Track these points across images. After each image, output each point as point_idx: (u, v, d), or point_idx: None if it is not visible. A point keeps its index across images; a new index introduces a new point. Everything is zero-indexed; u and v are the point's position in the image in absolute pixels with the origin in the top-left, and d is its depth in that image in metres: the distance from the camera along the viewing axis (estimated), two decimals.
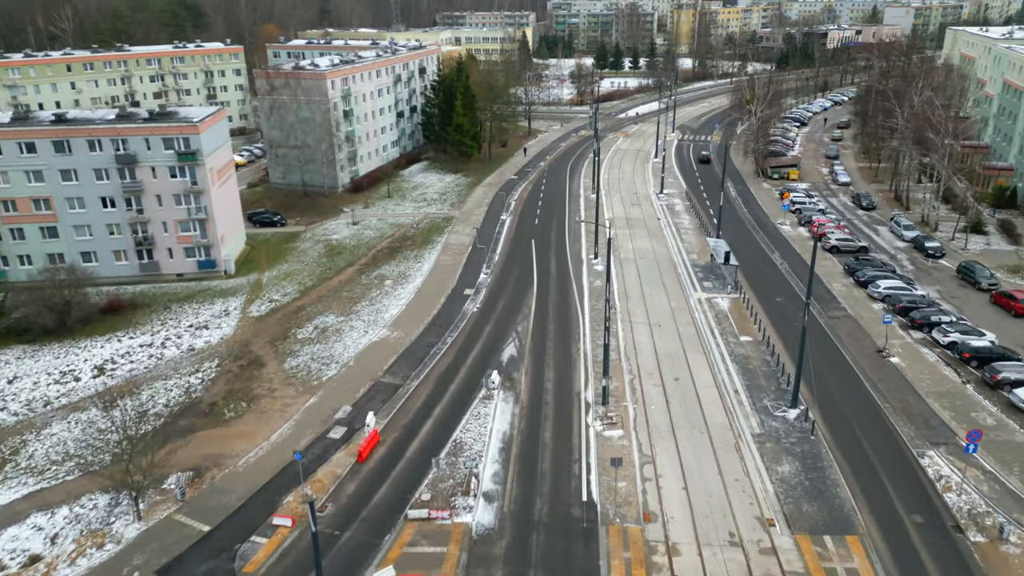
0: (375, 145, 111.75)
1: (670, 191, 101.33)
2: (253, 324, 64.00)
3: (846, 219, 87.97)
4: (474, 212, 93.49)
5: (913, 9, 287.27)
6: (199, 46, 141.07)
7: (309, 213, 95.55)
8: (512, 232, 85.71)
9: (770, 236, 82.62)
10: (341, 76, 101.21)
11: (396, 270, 74.76)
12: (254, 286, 73.46)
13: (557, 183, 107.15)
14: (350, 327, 62.03)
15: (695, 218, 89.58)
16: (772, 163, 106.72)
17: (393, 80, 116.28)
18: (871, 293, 65.12)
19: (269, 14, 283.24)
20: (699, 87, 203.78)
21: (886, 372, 53.02)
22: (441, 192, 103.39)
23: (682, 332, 59.51)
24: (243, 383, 53.77)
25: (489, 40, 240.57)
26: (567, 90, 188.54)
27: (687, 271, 72.37)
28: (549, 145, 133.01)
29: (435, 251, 79.73)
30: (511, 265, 75.32)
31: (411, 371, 54.22)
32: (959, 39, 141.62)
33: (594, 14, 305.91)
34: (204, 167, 73.15)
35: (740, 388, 50.93)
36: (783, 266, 73.61)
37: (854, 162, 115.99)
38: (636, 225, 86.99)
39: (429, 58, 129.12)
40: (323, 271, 75.75)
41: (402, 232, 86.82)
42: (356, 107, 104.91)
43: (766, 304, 64.55)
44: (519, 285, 70.00)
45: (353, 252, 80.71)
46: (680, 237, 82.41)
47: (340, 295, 69.18)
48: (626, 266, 74.02)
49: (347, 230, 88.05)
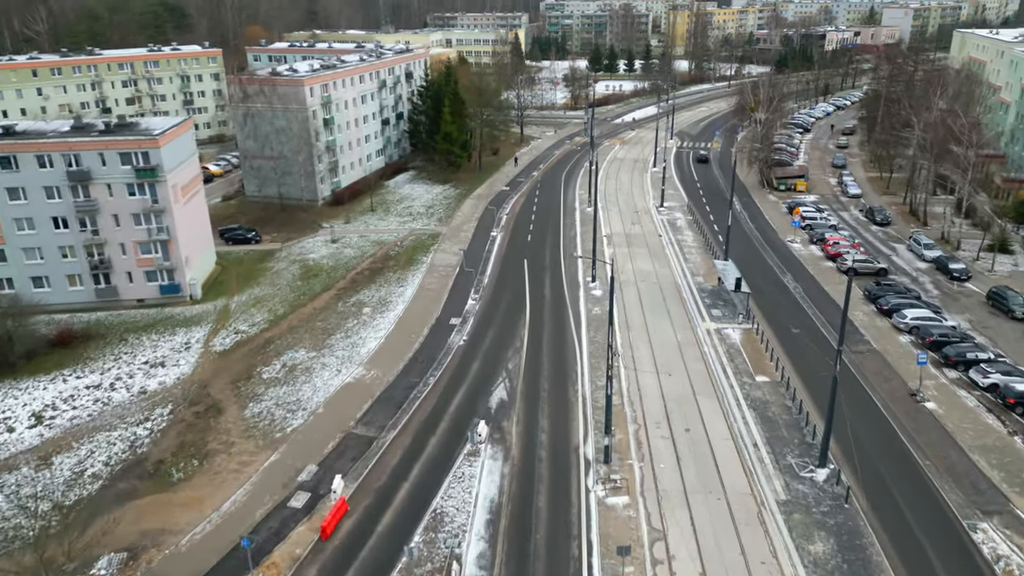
0: (358, 155, 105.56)
1: (671, 204, 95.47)
2: (215, 361, 57.73)
3: (860, 236, 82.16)
4: (463, 228, 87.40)
5: (912, 10, 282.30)
6: (175, 49, 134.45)
7: (286, 229, 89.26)
8: (503, 251, 79.68)
9: (780, 256, 76.77)
10: (321, 82, 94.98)
11: (376, 295, 68.63)
12: (221, 313, 67.22)
13: (551, 195, 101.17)
14: (322, 365, 55.83)
15: (699, 235, 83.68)
16: (778, 174, 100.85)
17: (378, 86, 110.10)
18: (896, 324, 59.31)
19: (255, 15, 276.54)
20: (696, 90, 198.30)
21: (922, 420, 47.20)
22: (428, 205, 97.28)
23: (691, 370, 53.56)
24: (197, 435, 47.54)
25: (481, 42, 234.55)
26: (561, 94, 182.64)
27: (693, 297, 66.46)
28: (542, 153, 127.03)
29: (419, 273, 73.64)
30: (502, 289, 69.30)
31: (387, 420, 48.09)
32: (967, 42, 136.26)
33: (587, 15, 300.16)
34: (166, 184, 66.88)
35: (760, 441, 45.00)
36: (797, 291, 67.77)
37: (863, 171, 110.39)
38: (636, 243, 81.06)
39: (416, 62, 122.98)
40: (297, 296, 69.54)
41: (384, 251, 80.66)
42: (337, 115, 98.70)
43: (782, 336, 58.66)
44: (510, 313, 63.99)
45: (330, 274, 74.52)
46: (684, 257, 76.51)
47: (313, 325, 62.99)
48: (626, 290, 68.08)
49: (326, 248, 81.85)
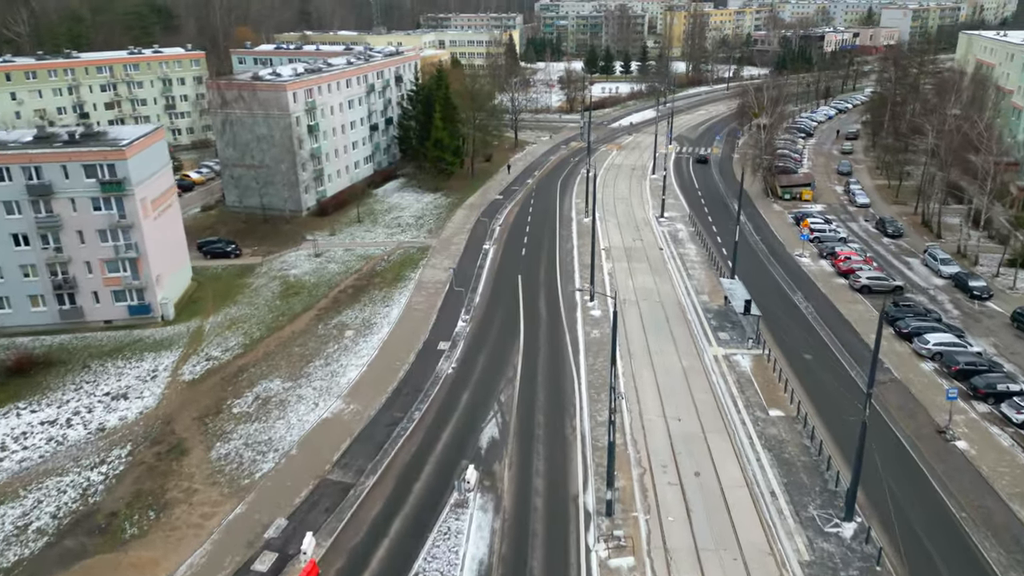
0: (345, 162, 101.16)
1: (672, 214, 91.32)
2: (183, 392, 53.31)
3: (872, 250, 78.07)
4: (453, 240, 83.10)
5: (911, 11, 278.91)
6: (156, 52, 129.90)
7: (268, 241, 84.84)
8: (496, 265, 75.40)
9: (788, 271, 72.65)
10: (305, 87, 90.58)
11: (360, 316, 64.25)
12: (193, 336, 62.79)
13: (546, 204, 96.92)
14: (298, 397, 51.44)
15: (702, 248, 79.51)
16: (783, 182, 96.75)
17: (366, 90, 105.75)
18: (918, 349, 55.15)
19: (245, 16, 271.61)
20: (694, 93, 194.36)
21: (953, 463, 43.08)
22: (418, 215, 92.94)
23: (699, 403, 49.35)
24: (156, 480, 43.13)
25: (474, 43, 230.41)
26: (556, 96, 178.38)
27: (698, 318, 62.25)
28: (537, 159, 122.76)
29: (407, 291, 69.31)
30: (494, 309, 65.01)
31: (367, 463, 43.75)
32: (974, 44, 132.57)
33: (583, 16, 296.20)
34: (133, 198, 62.47)
35: (777, 488, 40.80)
36: (808, 311, 63.65)
37: (869, 179, 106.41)
38: (636, 257, 76.86)
39: (406, 65, 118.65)
40: (275, 317, 65.13)
41: (371, 266, 76.30)
42: (322, 121, 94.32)
43: (794, 363, 54.48)
44: (503, 336, 59.69)
45: (312, 292, 70.14)
46: (687, 273, 72.32)
47: (291, 351, 58.58)
48: (627, 310, 63.84)
49: (308, 263, 77.45)
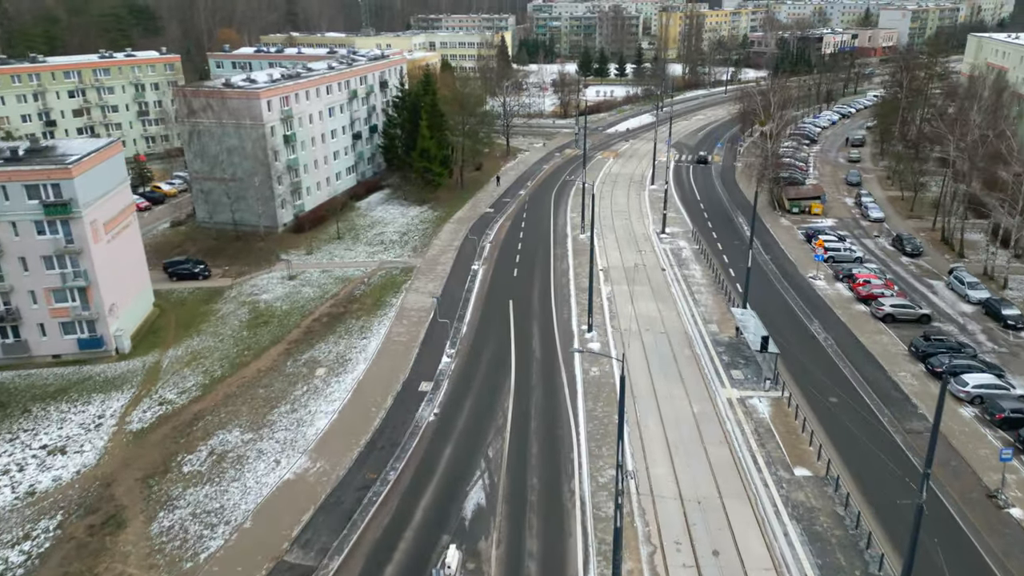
0: (325, 174, 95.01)
1: (673, 229, 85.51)
2: (128, 445, 47.16)
3: (891, 271, 72.47)
4: (440, 260, 77.13)
5: (910, 12, 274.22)
6: (129, 55, 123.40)
7: (240, 261, 78.67)
8: (485, 289, 69.46)
9: (803, 296, 66.90)
10: (280, 94, 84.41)
11: (333, 351, 58.18)
12: (149, 373, 56.63)
13: (540, 218, 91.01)
14: (258, 452, 45.36)
15: (707, 268, 73.72)
16: (791, 194, 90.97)
17: (348, 97, 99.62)
18: (956, 392, 49.39)
19: (230, 17, 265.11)
20: (691, 96, 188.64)
21: (1009, 536, 37.33)
22: (402, 231, 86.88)
23: (713, 460, 43.51)
24: (86, 562, 36.99)
25: (465, 45, 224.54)
26: (549, 100, 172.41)
27: (708, 352, 56.40)
28: (530, 168, 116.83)
29: (387, 320, 63.30)
30: (483, 341, 59.03)
31: (332, 539, 37.70)
32: (984, 47, 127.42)
33: (576, 17, 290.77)
34: (82, 220, 56.28)
35: (810, 571, 34.97)
36: (828, 343, 57.88)
37: (881, 190, 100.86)
38: (637, 279, 70.99)
39: (391, 70, 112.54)
40: (240, 351, 59.00)
41: (349, 290, 70.24)
42: (300, 130, 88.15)
43: (818, 407, 48.72)
44: (492, 375, 53.75)
45: (283, 321, 64.04)
46: (693, 298, 66.51)
47: (254, 393, 52.46)
48: (630, 343, 57.97)
49: (281, 287, 71.35)
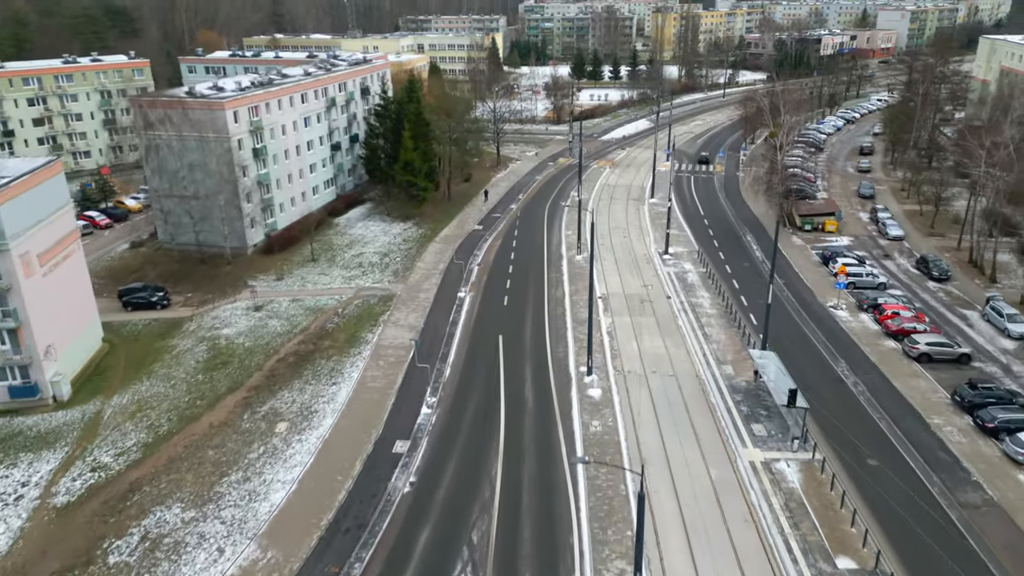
0: (300, 189, 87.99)
1: (677, 249, 78.85)
2: (50, 525, 40.07)
3: (917, 297, 65.94)
4: (423, 286, 70.27)
5: (909, 12, 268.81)
6: (96, 60, 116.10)
7: (204, 287, 71.64)
8: (472, 321, 62.62)
9: (824, 329, 60.24)
10: (249, 104, 77.39)
11: (298, 400, 51.22)
12: (87, 428, 49.61)
13: (532, 237, 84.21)
14: (199, 537, 38.32)
15: (716, 296, 67.03)
16: (802, 210, 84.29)
17: (326, 105, 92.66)
18: (1012, 454, 42.85)
19: (212, 19, 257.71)
20: (688, 100, 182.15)
21: None
22: (383, 252, 79.94)
23: (738, 543, 36.76)
24: None
25: (455, 47, 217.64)
26: (542, 105, 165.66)
27: (724, 401, 49.69)
28: (522, 179, 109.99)
29: (361, 360, 56.38)
30: (468, 389, 52.18)
31: None
32: (998, 49, 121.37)
33: (568, 18, 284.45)
34: (10, 254, 49.23)
35: None
36: (857, 387, 51.28)
37: (896, 203, 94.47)
38: (640, 308, 64.29)
39: (373, 75, 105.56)
40: (192, 400, 51.97)
41: (320, 323, 63.27)
42: (272, 143, 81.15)
43: (856, 473, 42.02)
44: (478, 432, 46.90)
45: (244, 362, 57.01)
46: (703, 331, 59.78)
47: (203, 456, 45.47)
48: (633, 388, 51.25)
49: (246, 319, 64.34)
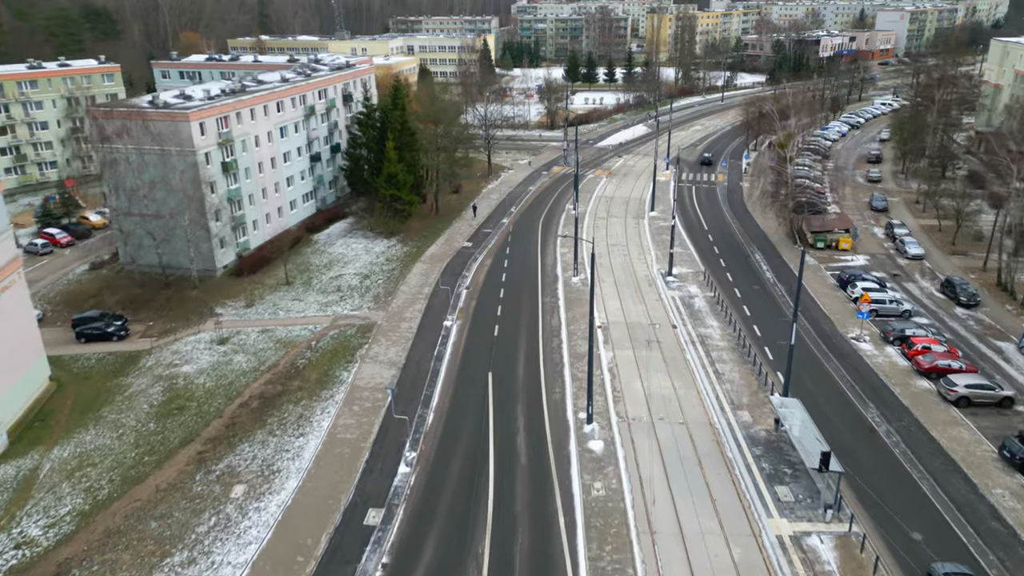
0: (276, 204, 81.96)
1: (681, 270, 73.11)
2: None
3: (946, 327, 60.43)
4: (405, 314, 64.38)
5: (908, 13, 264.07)
6: (63, 65, 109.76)
7: (168, 315, 65.68)
8: (459, 356, 56.73)
9: (848, 366, 54.50)
10: (218, 114, 71.36)
11: (259, 456, 45.26)
12: (20, 488, 43.64)
13: (525, 255, 78.40)
14: None
15: (726, 325, 61.28)
16: (814, 226, 78.61)
17: (304, 113, 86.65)
18: None
19: (197, 20, 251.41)
20: (686, 104, 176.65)
21: None
22: (364, 273, 74.02)
23: None
24: None
25: (446, 49, 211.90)
26: (535, 109, 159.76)
27: (742, 455, 43.91)
28: (515, 190, 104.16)
29: (333, 404, 50.46)
30: (453, 440, 46.34)
31: None
32: (1011, 53, 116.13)
33: (562, 19, 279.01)
34: None
35: None
36: (890, 437, 45.58)
37: (911, 217, 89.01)
38: (643, 340, 58.47)
39: (355, 81, 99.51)
40: (140, 456, 45.94)
41: (291, 359, 57.30)
42: (244, 156, 75.16)
43: (898, 551, 36.27)
44: (463, 497, 40.97)
45: (203, 407, 51.03)
46: (714, 368, 54.00)
47: (143, 530, 39.32)
48: (640, 439, 45.44)
49: (208, 354, 58.33)
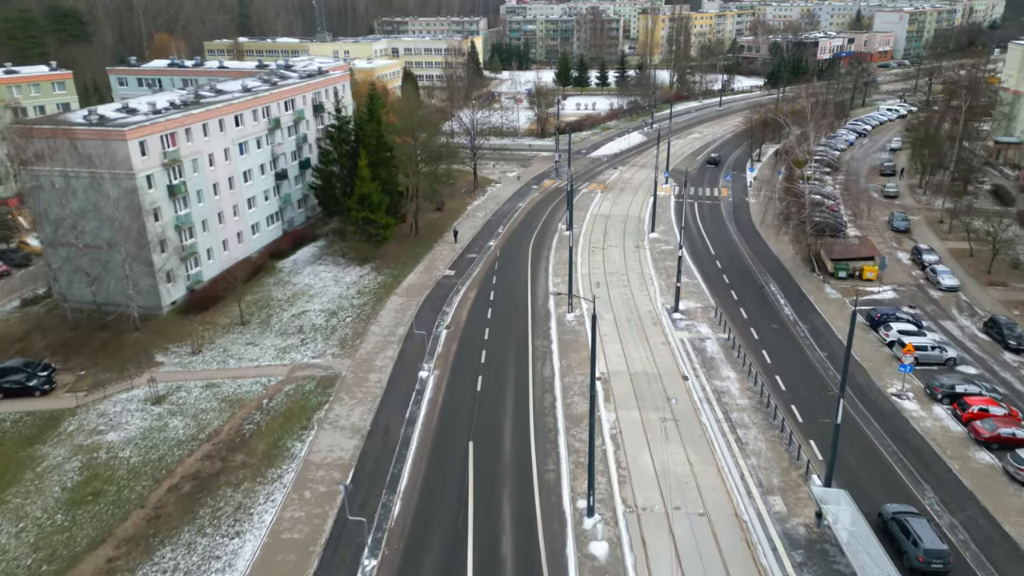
0: (235, 228, 73.24)
1: (689, 304, 64.87)
2: None
3: (998, 379, 52.41)
4: (375, 363, 55.87)
5: (907, 15, 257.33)
6: (10, 72, 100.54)
7: (104, 361, 57.04)
8: (434, 422, 48.16)
9: (891, 431, 46.26)
10: (162, 131, 62.65)
11: (183, 566, 36.57)
12: None
13: (514, 286, 70.00)
14: None
15: (744, 375, 52.90)
16: (835, 252, 70.44)
17: (268, 127, 78.01)
18: None
19: (173, 21, 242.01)
20: (683, 109, 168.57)
21: None
22: (332, 309, 65.46)
23: None
24: None
25: (432, 51, 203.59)
26: (524, 115, 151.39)
27: (778, 562, 35.60)
28: (503, 207, 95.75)
29: (280, 489, 41.88)
30: (422, 544, 37.79)
31: None
32: None
33: (552, 20, 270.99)
34: None
35: None
36: (957, 534, 37.38)
37: (936, 238, 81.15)
38: (651, 397, 50.12)
39: (327, 89, 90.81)
40: (37, 564, 37.20)
41: (237, 423, 48.71)
42: (195, 177, 66.50)
43: None
44: None
45: (123, 492, 42.34)
46: (735, 435, 45.72)
47: None
48: (653, 539, 37.10)
49: (140, 417, 49.67)
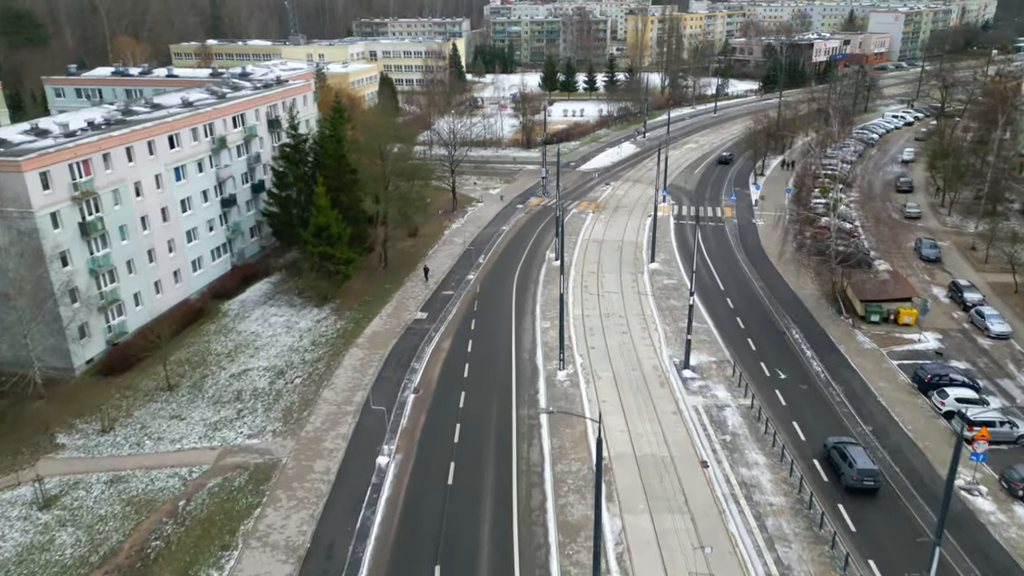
0: (170, 267, 62.74)
1: (701, 358, 55.04)
2: None
3: None
4: (324, 443, 45.71)
5: (903, 15, 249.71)
6: None
7: None
8: (391, 536, 37.90)
9: (971, 547, 36.45)
10: (71, 158, 52.15)
11: None
12: None
13: (496, 335, 59.83)
14: None
15: (776, 460, 43.19)
16: (866, 293, 60.80)
17: (211, 147, 67.66)
18: None
19: (140, 24, 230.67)
20: (676, 116, 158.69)
21: None
22: (279, 367, 55.17)
23: None
24: None
25: (412, 54, 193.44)
26: (508, 123, 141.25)
27: None
28: (484, 231, 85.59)
29: None
30: None
31: None
32: None
33: (537, 21, 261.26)
34: None
35: None
36: None
37: (970, 268, 71.85)
38: (663, 492, 40.21)
39: (283, 102, 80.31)
40: None
41: (141, 538, 38.31)
42: (117, 210, 56.05)
43: None
44: None
45: None
46: (776, 557, 35.85)
47: None
48: None
49: (20, 529, 39.12)
